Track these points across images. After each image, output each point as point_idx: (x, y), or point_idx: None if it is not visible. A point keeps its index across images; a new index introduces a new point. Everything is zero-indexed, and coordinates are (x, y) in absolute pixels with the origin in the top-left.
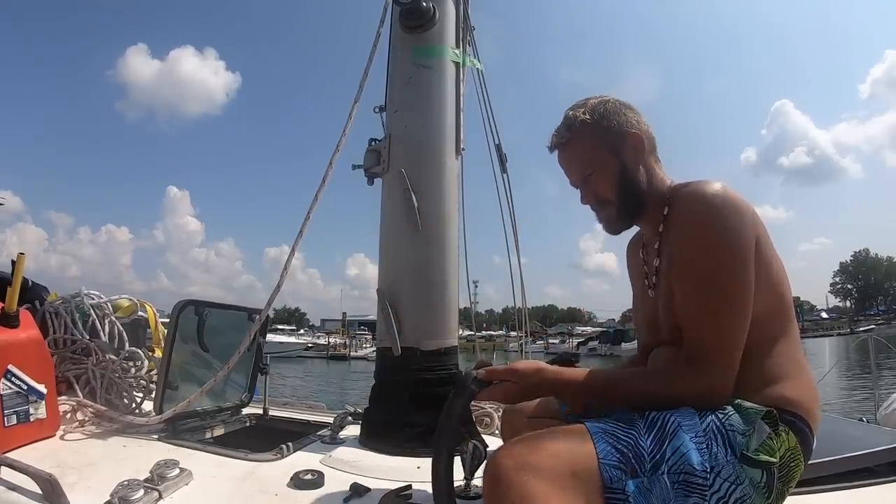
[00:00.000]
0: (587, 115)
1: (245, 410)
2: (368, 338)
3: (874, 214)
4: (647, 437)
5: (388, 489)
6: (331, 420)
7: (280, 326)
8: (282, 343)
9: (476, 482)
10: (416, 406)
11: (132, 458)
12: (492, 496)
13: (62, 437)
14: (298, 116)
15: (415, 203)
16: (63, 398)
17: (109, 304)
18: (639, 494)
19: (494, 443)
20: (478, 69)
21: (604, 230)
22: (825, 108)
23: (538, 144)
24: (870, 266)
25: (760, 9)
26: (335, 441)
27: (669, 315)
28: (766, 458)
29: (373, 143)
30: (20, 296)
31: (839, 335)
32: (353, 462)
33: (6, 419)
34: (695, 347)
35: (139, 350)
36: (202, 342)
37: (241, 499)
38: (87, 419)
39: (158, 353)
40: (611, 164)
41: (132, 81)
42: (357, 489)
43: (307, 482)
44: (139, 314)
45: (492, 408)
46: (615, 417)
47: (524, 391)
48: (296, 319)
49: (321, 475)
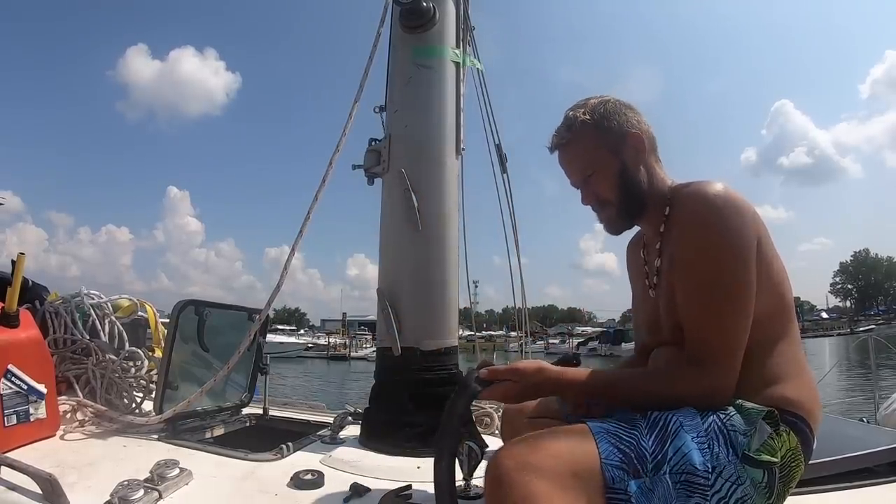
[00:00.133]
0: (587, 116)
1: (245, 410)
2: (368, 338)
3: (874, 214)
4: (649, 438)
5: (388, 489)
6: (331, 420)
7: (280, 326)
8: (282, 343)
9: (476, 482)
10: (416, 406)
11: (132, 458)
12: (493, 496)
13: (62, 437)
14: (299, 116)
15: (415, 203)
16: (63, 398)
17: (109, 304)
18: (641, 495)
19: (494, 443)
20: (478, 69)
21: (604, 230)
22: (825, 109)
23: (538, 144)
24: (870, 266)
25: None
26: (335, 441)
27: (670, 315)
28: (768, 458)
29: (373, 143)
30: (20, 296)
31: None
32: (353, 462)
33: (6, 419)
34: (697, 348)
35: (139, 350)
36: (202, 342)
37: (241, 499)
38: (87, 419)
39: (158, 353)
40: (611, 165)
41: (132, 82)
42: (357, 489)
43: (307, 482)
44: (139, 314)
45: (492, 408)
46: (617, 417)
47: (525, 391)
48: (296, 319)
49: (321, 475)
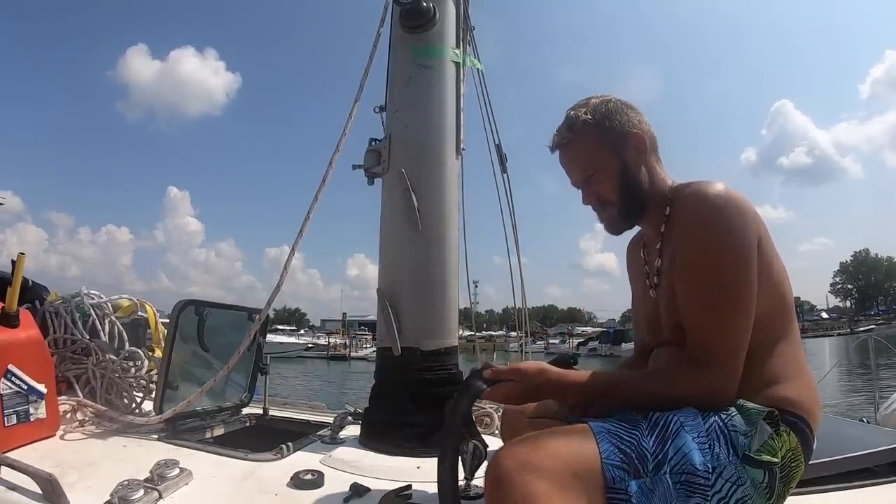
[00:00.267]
0: (589, 115)
1: (245, 410)
2: (368, 338)
3: (874, 214)
4: (650, 438)
5: (388, 489)
6: (331, 420)
7: (280, 327)
8: (282, 343)
9: (476, 482)
10: (416, 406)
11: (132, 458)
12: (494, 496)
13: (62, 437)
14: (299, 116)
15: (415, 203)
16: (63, 398)
17: (109, 304)
18: (641, 495)
19: (494, 443)
20: (478, 69)
21: (605, 230)
22: (825, 109)
23: (538, 144)
24: (870, 266)
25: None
26: (335, 441)
27: (671, 315)
28: (769, 459)
29: (373, 143)
30: (20, 296)
31: (839, 335)
32: (353, 462)
33: (6, 419)
34: (698, 348)
35: (139, 350)
36: (202, 342)
37: (241, 499)
38: (87, 419)
39: (158, 353)
40: (612, 165)
41: (133, 82)
42: (357, 489)
43: (307, 482)
44: (139, 314)
45: (492, 408)
46: (618, 417)
47: (527, 391)
48: (296, 320)
49: (321, 475)
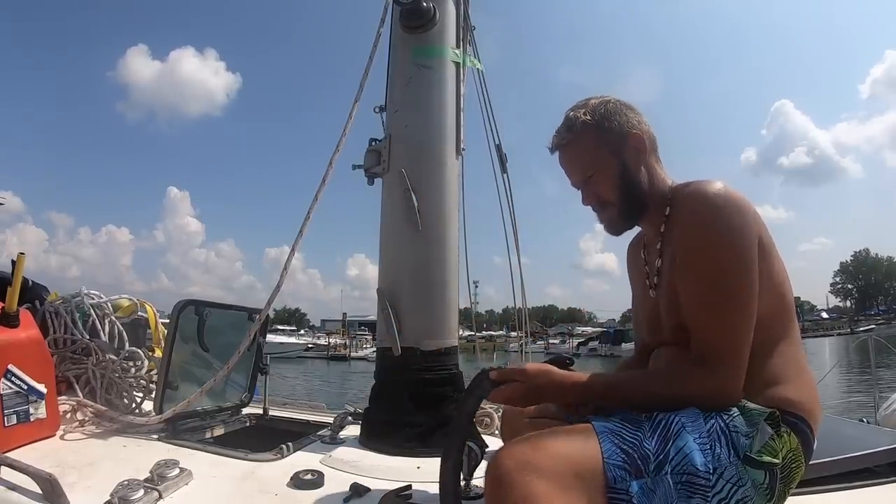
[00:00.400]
0: (588, 116)
1: (245, 410)
2: (368, 338)
3: (874, 214)
4: (652, 438)
5: (388, 489)
6: (331, 420)
7: (280, 327)
8: (282, 343)
9: (476, 482)
10: (416, 406)
11: (132, 458)
12: (494, 496)
13: (62, 437)
14: (299, 116)
15: (415, 203)
16: (63, 398)
17: (109, 304)
18: (642, 495)
19: (494, 443)
20: (478, 69)
21: (605, 231)
22: (825, 108)
23: (538, 144)
24: (870, 266)
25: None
26: (335, 441)
27: (671, 315)
28: (770, 460)
29: (373, 143)
30: (20, 296)
31: (839, 335)
32: (353, 462)
33: (6, 419)
34: (702, 348)
35: (139, 350)
36: (202, 342)
37: (241, 499)
38: (87, 419)
39: (158, 353)
40: (612, 165)
41: (133, 82)
42: (357, 489)
43: (307, 482)
44: (139, 314)
45: (492, 408)
46: (620, 417)
47: (529, 392)
48: (296, 320)
49: (321, 475)
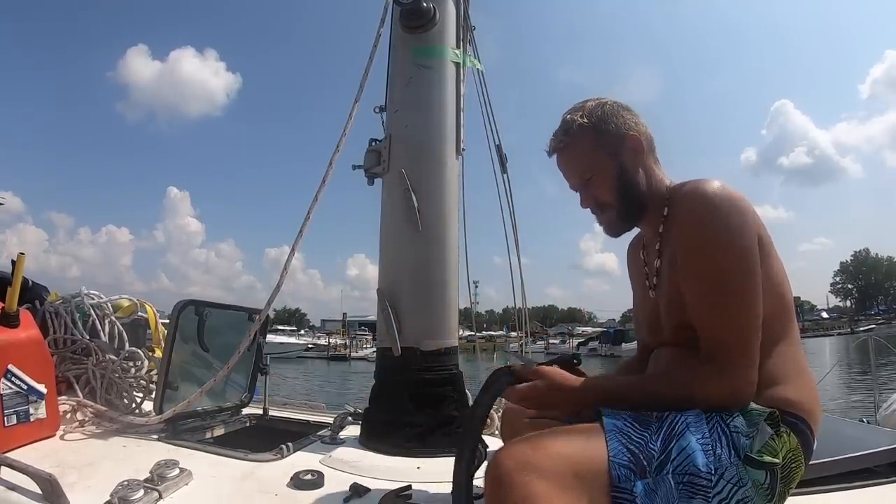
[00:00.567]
0: (585, 119)
1: (245, 410)
2: (368, 338)
3: (874, 214)
4: (657, 438)
5: (388, 489)
6: (331, 420)
7: (280, 327)
8: (282, 343)
9: (476, 482)
10: (416, 406)
11: (132, 458)
12: (493, 497)
13: (62, 437)
14: (299, 117)
15: (415, 203)
16: (63, 398)
17: (109, 304)
18: (644, 496)
19: (494, 443)
20: (478, 69)
21: (604, 233)
22: (825, 108)
23: (538, 145)
24: (870, 266)
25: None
26: (335, 441)
27: (671, 316)
28: (770, 459)
29: (373, 144)
30: (20, 296)
31: (839, 335)
32: (353, 462)
33: (6, 419)
34: (712, 347)
35: (139, 350)
36: (202, 342)
37: (241, 499)
38: (87, 419)
39: (158, 353)
40: (609, 168)
41: (133, 83)
42: (357, 489)
43: (307, 482)
44: (139, 314)
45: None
46: (630, 415)
47: (540, 392)
48: (296, 320)
49: (321, 475)
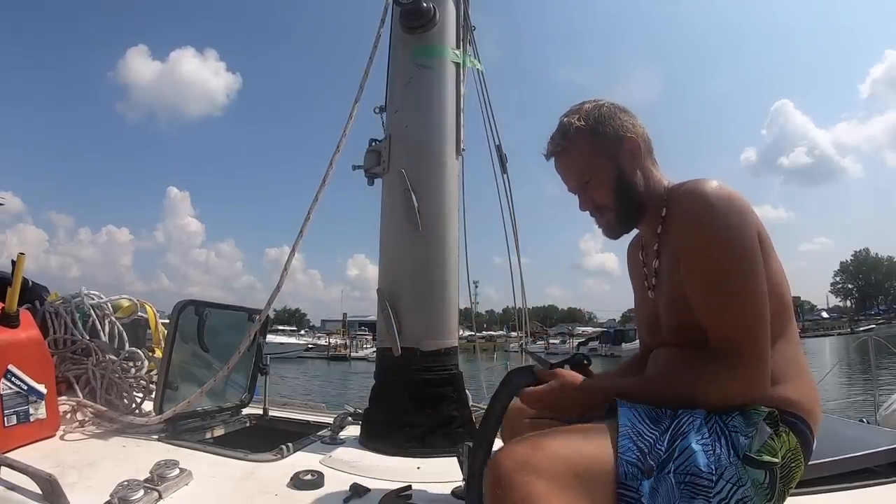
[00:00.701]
0: (582, 122)
1: (245, 410)
2: (369, 338)
3: (874, 214)
4: (664, 437)
5: (388, 489)
6: (331, 420)
7: (280, 327)
8: (282, 344)
9: None
10: (416, 406)
11: (132, 458)
12: (493, 497)
13: (62, 437)
14: (299, 117)
15: (415, 203)
16: (63, 398)
17: (109, 305)
18: (649, 495)
19: (494, 443)
20: (478, 69)
21: (603, 235)
22: (825, 108)
23: (538, 145)
24: (870, 266)
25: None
26: (335, 441)
27: (671, 316)
28: (769, 459)
29: (373, 144)
30: (20, 296)
31: (839, 335)
32: (353, 462)
33: (6, 419)
34: (722, 347)
35: (139, 350)
36: (202, 342)
37: (241, 499)
38: (87, 419)
39: (158, 353)
40: (607, 170)
41: (133, 83)
42: (357, 489)
43: (307, 482)
44: (139, 314)
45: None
46: (644, 411)
47: (556, 395)
48: (296, 320)
49: (321, 475)
